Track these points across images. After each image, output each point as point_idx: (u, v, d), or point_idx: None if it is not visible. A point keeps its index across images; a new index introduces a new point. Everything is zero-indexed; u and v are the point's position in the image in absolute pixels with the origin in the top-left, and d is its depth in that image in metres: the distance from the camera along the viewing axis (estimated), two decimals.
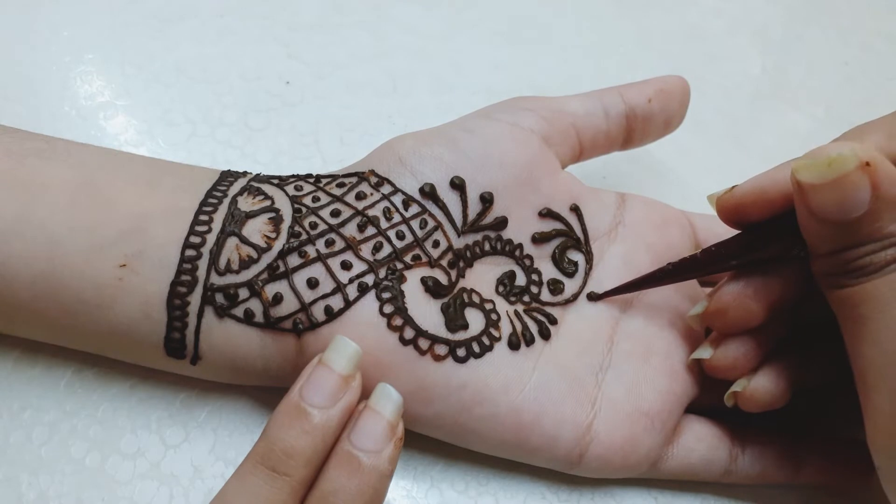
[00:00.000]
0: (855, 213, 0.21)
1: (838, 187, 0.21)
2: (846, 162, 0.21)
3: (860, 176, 0.21)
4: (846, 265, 0.22)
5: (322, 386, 0.23)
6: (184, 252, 0.25)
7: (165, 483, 0.27)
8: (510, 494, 0.29)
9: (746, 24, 0.49)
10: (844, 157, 0.21)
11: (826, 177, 0.21)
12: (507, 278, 0.29)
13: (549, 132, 0.30)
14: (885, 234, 0.21)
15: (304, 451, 0.22)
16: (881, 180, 0.21)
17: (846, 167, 0.21)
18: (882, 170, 0.21)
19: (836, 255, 0.22)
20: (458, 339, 0.26)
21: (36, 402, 0.28)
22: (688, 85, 0.32)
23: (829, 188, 0.21)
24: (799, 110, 0.44)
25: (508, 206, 0.29)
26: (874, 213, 0.21)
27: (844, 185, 0.21)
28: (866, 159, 0.21)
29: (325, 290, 0.25)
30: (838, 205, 0.21)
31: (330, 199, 0.27)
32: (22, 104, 0.36)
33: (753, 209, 0.25)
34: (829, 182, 0.21)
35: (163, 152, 0.36)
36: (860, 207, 0.21)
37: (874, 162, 0.21)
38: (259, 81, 0.39)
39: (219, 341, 0.26)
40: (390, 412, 0.24)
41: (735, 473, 0.28)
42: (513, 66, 0.43)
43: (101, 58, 0.39)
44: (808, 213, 0.22)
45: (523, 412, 0.26)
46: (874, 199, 0.21)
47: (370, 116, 0.39)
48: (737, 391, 0.27)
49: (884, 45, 0.49)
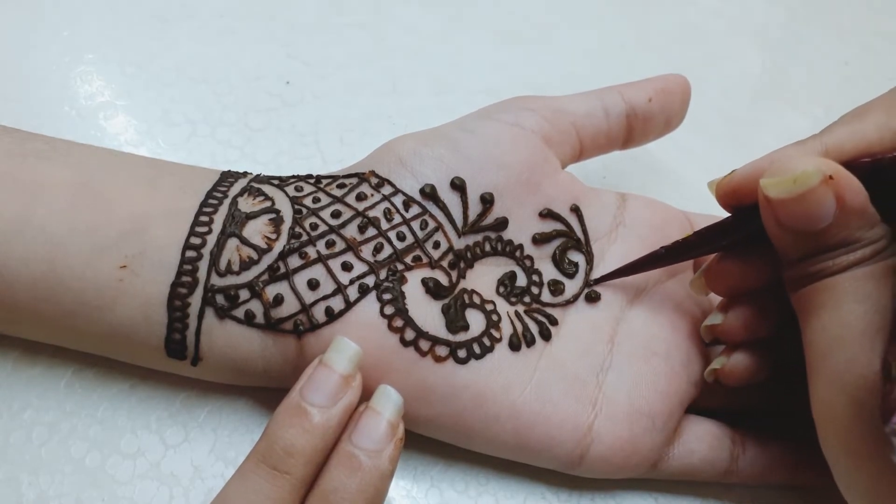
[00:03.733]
0: (822, 224, 0.22)
1: (804, 201, 0.22)
2: (810, 178, 0.22)
3: (825, 190, 0.22)
4: (812, 269, 0.23)
5: (323, 386, 0.23)
6: (184, 253, 0.25)
7: (165, 483, 0.27)
8: (510, 494, 0.29)
9: (746, 24, 0.49)
10: (808, 174, 0.22)
11: (792, 192, 0.22)
12: (507, 279, 0.29)
13: (550, 132, 0.30)
14: (851, 239, 0.22)
15: (305, 449, 0.22)
16: (845, 191, 0.22)
17: (811, 182, 0.22)
18: (845, 182, 0.22)
19: (806, 261, 0.23)
20: (458, 340, 0.26)
21: (36, 402, 0.28)
22: (689, 84, 0.32)
23: (796, 202, 0.22)
24: (799, 110, 0.44)
25: (509, 206, 0.29)
26: (840, 221, 0.22)
27: (810, 199, 0.22)
28: (829, 173, 0.22)
29: (325, 291, 0.25)
30: (805, 217, 0.22)
31: (330, 199, 0.27)
32: (22, 104, 0.36)
33: (749, 191, 0.25)
34: (796, 197, 0.22)
35: (163, 152, 0.36)
36: (826, 218, 0.22)
37: (837, 175, 0.22)
38: (259, 81, 0.39)
39: (219, 342, 0.26)
40: (391, 412, 0.24)
41: (736, 474, 0.28)
42: (513, 66, 0.43)
43: (101, 58, 0.39)
44: (776, 225, 0.23)
45: (524, 413, 0.26)
46: (839, 209, 0.22)
47: (370, 116, 0.39)
48: (716, 368, 0.27)
49: (884, 45, 0.49)
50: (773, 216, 0.23)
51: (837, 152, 0.24)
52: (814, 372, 0.23)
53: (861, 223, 0.22)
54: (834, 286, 0.22)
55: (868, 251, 0.22)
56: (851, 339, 0.22)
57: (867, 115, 0.24)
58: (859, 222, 0.22)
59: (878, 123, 0.24)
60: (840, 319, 0.22)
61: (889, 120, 0.24)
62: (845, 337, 0.22)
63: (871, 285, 0.22)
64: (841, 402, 0.22)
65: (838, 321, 0.22)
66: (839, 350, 0.22)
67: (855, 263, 0.22)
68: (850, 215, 0.22)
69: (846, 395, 0.22)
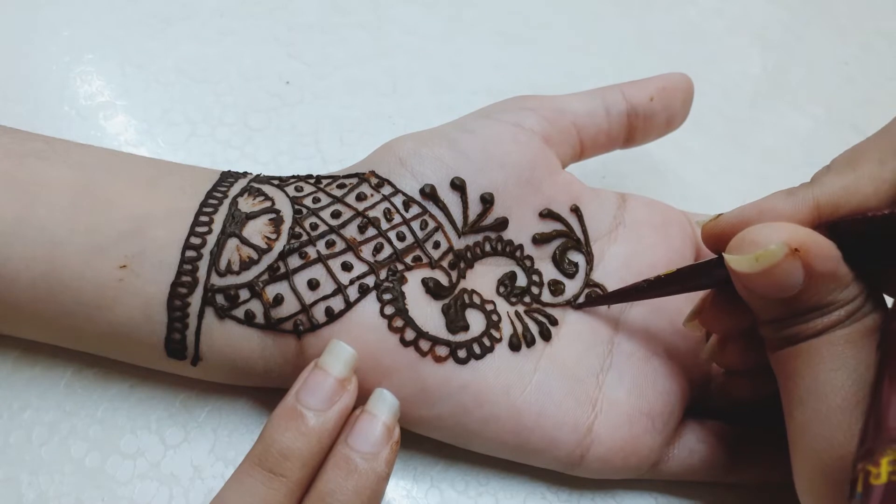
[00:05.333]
0: (791, 292, 0.22)
1: (770, 275, 0.22)
2: (774, 255, 0.21)
3: (790, 262, 0.21)
4: (788, 331, 0.23)
5: (318, 389, 0.23)
6: (184, 253, 0.25)
7: (165, 483, 0.27)
8: (510, 494, 0.29)
9: (746, 24, 0.49)
10: (772, 252, 0.21)
11: (756, 269, 0.22)
12: (507, 279, 0.29)
13: (550, 132, 0.30)
14: (825, 302, 0.22)
15: (301, 452, 0.23)
16: (813, 260, 0.21)
17: (775, 259, 0.21)
18: (813, 250, 0.21)
19: (780, 323, 0.23)
20: (459, 341, 0.26)
21: (36, 402, 0.28)
22: (691, 83, 0.32)
23: (762, 276, 0.22)
24: (799, 110, 0.44)
25: (509, 206, 0.29)
26: (811, 287, 0.22)
27: (776, 273, 0.21)
28: (795, 245, 0.21)
29: (325, 291, 0.25)
30: (774, 287, 0.22)
31: (330, 200, 0.27)
32: (22, 104, 0.36)
33: None
34: (761, 272, 0.22)
35: (163, 152, 0.36)
36: (795, 288, 0.22)
37: (803, 246, 0.21)
38: (259, 81, 0.39)
39: (219, 342, 0.26)
40: (387, 415, 0.24)
41: (736, 474, 0.28)
42: (513, 66, 0.43)
43: (100, 58, 0.39)
44: (747, 291, 0.23)
45: (524, 413, 0.26)
46: (808, 277, 0.21)
47: (370, 116, 0.39)
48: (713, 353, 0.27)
49: (884, 45, 0.49)
50: (741, 284, 0.23)
51: (831, 208, 0.23)
52: (793, 445, 0.23)
53: (834, 286, 0.22)
54: (810, 352, 0.22)
55: (843, 313, 0.22)
56: (828, 414, 0.21)
57: (860, 165, 0.23)
58: (832, 285, 0.22)
59: (871, 175, 0.23)
60: (816, 391, 0.22)
61: (882, 170, 0.23)
62: (822, 412, 0.21)
63: (849, 351, 0.22)
64: (819, 482, 0.21)
65: (815, 394, 0.22)
66: (817, 426, 0.22)
67: (830, 326, 0.22)
68: (821, 281, 0.22)
69: (825, 475, 0.21)
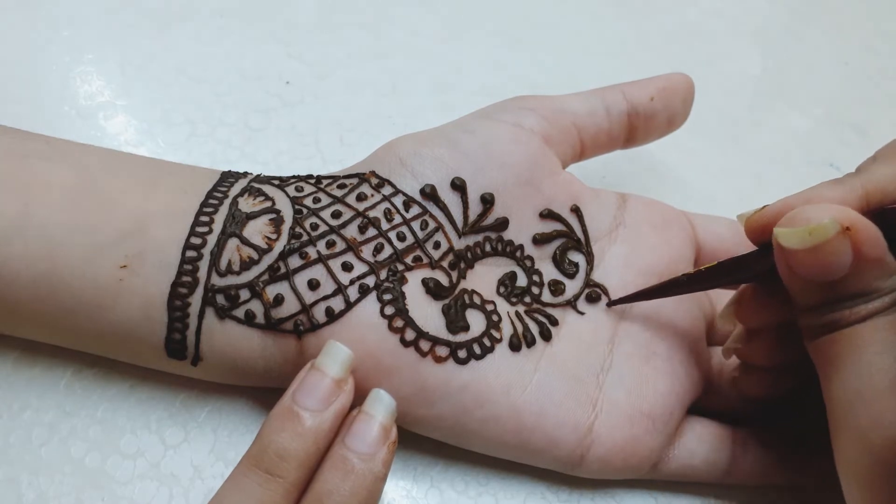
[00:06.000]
0: (837, 275, 0.22)
1: (819, 253, 0.22)
2: (826, 230, 0.21)
3: (841, 241, 0.21)
4: (828, 318, 0.23)
5: (314, 390, 0.24)
6: (184, 253, 0.25)
7: (165, 483, 0.27)
8: (510, 494, 0.29)
9: (746, 24, 0.49)
10: (825, 227, 0.21)
11: (806, 244, 0.22)
12: (508, 279, 0.29)
13: (550, 132, 0.30)
14: (869, 289, 0.22)
15: (297, 453, 0.23)
16: (862, 243, 0.21)
17: (827, 234, 0.21)
18: (863, 233, 0.21)
19: (821, 310, 0.23)
20: (459, 341, 0.26)
21: (36, 402, 0.28)
22: (692, 83, 0.32)
23: (812, 253, 0.22)
24: (799, 110, 0.44)
25: (509, 206, 0.29)
26: (857, 272, 0.22)
27: (826, 251, 0.21)
28: (847, 224, 0.21)
29: (325, 291, 0.25)
30: (821, 268, 0.22)
31: (331, 200, 0.27)
32: (22, 104, 0.36)
33: None
34: (811, 248, 0.22)
35: (163, 152, 0.36)
36: (842, 270, 0.22)
37: (854, 226, 0.21)
38: (259, 81, 0.39)
39: (220, 342, 0.26)
40: (384, 416, 0.24)
41: (736, 474, 0.28)
42: (513, 66, 0.43)
43: (100, 58, 0.39)
44: (791, 274, 0.23)
45: (524, 413, 0.26)
46: (856, 260, 0.21)
47: (370, 116, 0.39)
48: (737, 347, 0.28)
49: (884, 45, 0.49)
50: (786, 265, 0.23)
51: (880, 196, 0.23)
52: (837, 429, 0.22)
53: (879, 273, 0.22)
54: (853, 337, 0.22)
55: (888, 300, 0.22)
56: (875, 395, 0.21)
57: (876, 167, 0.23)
58: (877, 272, 0.22)
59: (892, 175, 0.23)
60: (862, 374, 0.21)
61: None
62: (868, 393, 0.21)
63: (893, 335, 0.21)
64: (867, 463, 0.21)
65: (860, 375, 0.21)
66: (863, 407, 0.21)
67: (874, 313, 0.22)
68: (868, 266, 0.21)
69: (872, 455, 0.21)
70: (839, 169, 0.42)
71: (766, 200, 0.40)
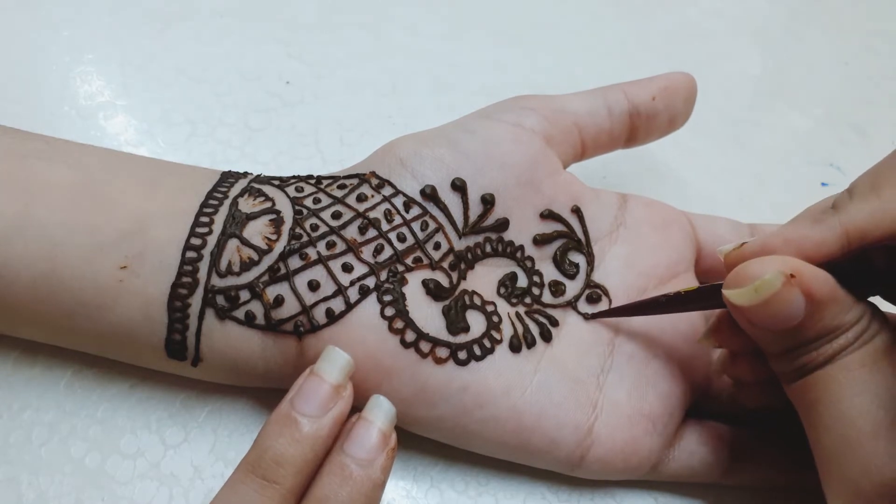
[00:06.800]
0: (795, 320, 0.22)
1: (772, 305, 0.22)
2: (772, 284, 0.21)
3: (789, 290, 0.21)
4: (798, 362, 0.23)
5: (313, 396, 0.23)
6: (184, 254, 0.25)
7: (165, 483, 0.27)
8: (510, 494, 0.29)
9: (746, 24, 0.49)
10: (768, 281, 0.21)
11: (756, 300, 0.22)
12: (508, 280, 0.29)
13: (551, 132, 0.30)
14: (829, 328, 0.22)
15: (295, 459, 0.22)
16: (810, 286, 0.21)
17: (773, 287, 0.21)
18: (808, 276, 0.21)
19: (789, 355, 0.23)
20: (459, 342, 0.26)
21: (36, 402, 0.28)
22: (694, 82, 0.32)
23: (764, 307, 0.22)
24: (799, 110, 0.44)
25: (510, 207, 0.29)
26: (814, 314, 0.22)
27: (777, 302, 0.22)
28: (790, 272, 0.21)
29: (326, 292, 0.25)
30: (777, 318, 0.22)
31: (331, 200, 0.27)
32: (22, 104, 0.36)
33: None
34: (762, 302, 0.22)
35: (163, 152, 0.36)
36: (798, 315, 0.22)
37: (799, 272, 0.21)
38: (259, 81, 0.39)
39: (220, 343, 0.26)
40: (383, 422, 0.24)
41: (736, 476, 0.28)
42: (513, 66, 0.43)
43: (100, 58, 0.39)
44: (752, 326, 0.23)
45: (524, 414, 0.26)
46: (809, 304, 0.22)
47: (370, 116, 0.39)
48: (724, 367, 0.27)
49: (884, 45, 0.49)
50: (745, 319, 0.23)
51: (859, 236, 0.22)
52: (826, 476, 0.22)
53: (837, 309, 0.22)
54: (825, 380, 0.22)
55: (850, 335, 0.22)
56: (861, 440, 0.21)
57: (883, 189, 0.23)
58: (835, 309, 0.22)
59: None
60: (844, 419, 0.21)
61: None
62: (854, 438, 0.21)
63: (866, 374, 0.21)
64: None
65: (842, 421, 0.21)
66: (850, 454, 0.21)
67: (840, 351, 0.22)
68: (822, 306, 0.22)
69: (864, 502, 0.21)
70: (839, 169, 0.42)
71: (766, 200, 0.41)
